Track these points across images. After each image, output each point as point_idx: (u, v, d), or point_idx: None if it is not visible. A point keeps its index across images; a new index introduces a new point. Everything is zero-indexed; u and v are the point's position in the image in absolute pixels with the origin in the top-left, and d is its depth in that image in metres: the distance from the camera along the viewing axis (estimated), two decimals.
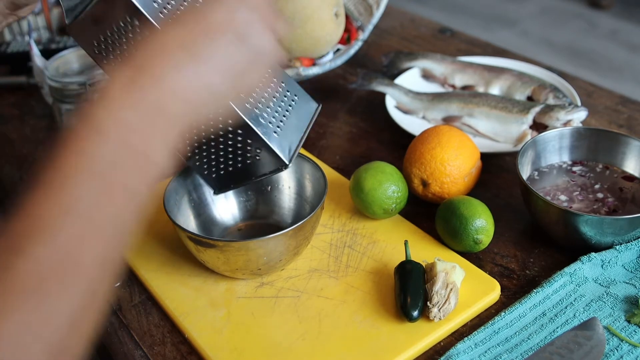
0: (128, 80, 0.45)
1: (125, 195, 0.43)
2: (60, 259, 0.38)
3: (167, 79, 0.45)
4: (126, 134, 0.43)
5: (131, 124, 0.43)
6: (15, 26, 1.30)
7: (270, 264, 0.70)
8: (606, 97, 1.08)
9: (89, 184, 0.41)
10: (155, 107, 0.45)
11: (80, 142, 0.42)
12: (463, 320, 0.67)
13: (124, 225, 0.43)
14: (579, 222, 0.70)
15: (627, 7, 3.61)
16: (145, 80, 0.45)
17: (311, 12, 1.02)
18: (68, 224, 0.39)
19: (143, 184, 0.44)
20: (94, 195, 0.41)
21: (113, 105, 0.44)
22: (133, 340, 0.68)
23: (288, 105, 0.65)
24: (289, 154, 0.62)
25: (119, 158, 0.42)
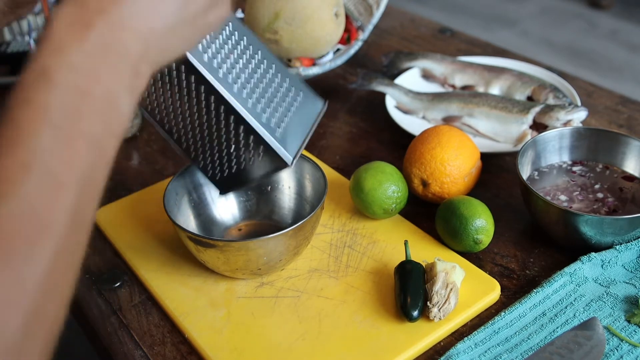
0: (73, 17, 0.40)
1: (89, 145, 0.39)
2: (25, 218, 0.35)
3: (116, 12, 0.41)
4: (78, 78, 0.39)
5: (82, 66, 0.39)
6: (15, 26, 1.30)
7: (270, 264, 0.70)
8: (606, 97, 1.08)
9: (46, 136, 0.37)
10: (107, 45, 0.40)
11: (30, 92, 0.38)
12: (463, 320, 0.67)
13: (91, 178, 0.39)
14: (579, 222, 0.70)
15: (627, 7, 3.61)
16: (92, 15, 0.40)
17: (311, 12, 1.02)
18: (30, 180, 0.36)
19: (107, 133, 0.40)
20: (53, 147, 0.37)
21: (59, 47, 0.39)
22: (133, 340, 0.68)
23: (291, 105, 0.64)
24: (292, 154, 0.62)
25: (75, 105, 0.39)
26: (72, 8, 0.41)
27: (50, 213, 0.37)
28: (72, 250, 0.38)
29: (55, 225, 0.37)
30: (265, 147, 0.60)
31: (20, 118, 0.38)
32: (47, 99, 0.38)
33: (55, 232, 0.37)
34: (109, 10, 0.41)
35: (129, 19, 0.42)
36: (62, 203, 0.37)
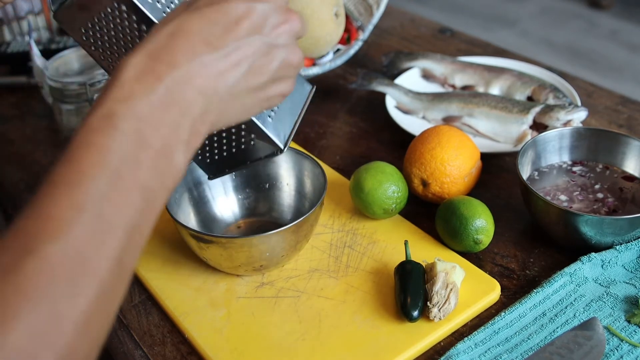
0: (144, 68, 0.41)
1: (141, 194, 0.40)
2: (71, 259, 0.36)
3: (185, 67, 0.42)
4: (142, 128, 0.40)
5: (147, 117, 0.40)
6: (15, 26, 1.30)
7: (272, 260, 0.70)
8: (606, 97, 1.08)
9: (103, 180, 0.38)
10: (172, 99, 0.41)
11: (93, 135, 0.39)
12: (463, 320, 0.67)
13: (139, 227, 0.40)
14: (579, 222, 0.70)
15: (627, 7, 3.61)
16: (163, 67, 0.41)
17: (311, 12, 1.02)
18: (80, 222, 0.37)
19: (160, 185, 0.41)
20: (108, 193, 0.38)
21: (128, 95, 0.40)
22: (133, 340, 0.68)
23: None
24: (284, 138, 0.61)
25: (134, 154, 0.39)
26: (144, 58, 0.42)
27: (96, 257, 0.37)
28: (112, 297, 0.39)
29: (99, 269, 0.37)
30: (257, 132, 0.60)
31: (80, 159, 0.38)
32: (109, 144, 0.39)
33: (99, 276, 0.37)
34: (179, 66, 0.42)
35: (196, 77, 0.43)
36: (108, 249, 0.38)
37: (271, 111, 0.61)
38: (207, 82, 0.43)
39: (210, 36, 0.44)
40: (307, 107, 0.66)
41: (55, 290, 0.35)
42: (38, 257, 0.35)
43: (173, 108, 0.41)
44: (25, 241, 0.36)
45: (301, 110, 0.65)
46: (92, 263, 0.37)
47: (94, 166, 0.38)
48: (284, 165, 0.80)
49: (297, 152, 0.79)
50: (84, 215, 0.37)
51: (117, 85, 0.41)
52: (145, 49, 0.43)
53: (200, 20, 0.44)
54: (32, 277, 0.35)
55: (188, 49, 0.43)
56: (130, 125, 0.40)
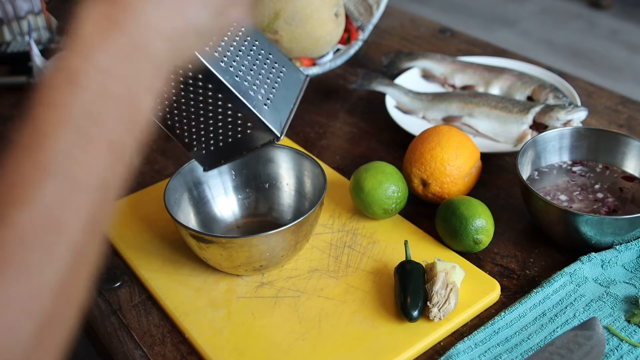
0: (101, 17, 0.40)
1: (109, 149, 0.38)
2: (42, 224, 0.35)
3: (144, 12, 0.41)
4: (104, 81, 0.39)
5: (109, 68, 0.39)
6: (15, 26, 1.30)
7: (272, 260, 0.70)
8: (606, 97, 1.08)
9: (68, 140, 0.37)
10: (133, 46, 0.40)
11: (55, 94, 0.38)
12: (463, 320, 0.67)
13: (110, 183, 0.39)
14: (579, 222, 0.70)
15: (627, 7, 3.61)
16: (120, 15, 0.40)
17: (311, 12, 1.02)
18: (48, 185, 0.36)
19: (129, 135, 0.40)
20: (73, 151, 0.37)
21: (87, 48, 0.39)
22: (133, 340, 0.68)
23: (277, 77, 0.63)
24: (280, 125, 0.61)
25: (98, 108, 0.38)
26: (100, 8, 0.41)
27: (67, 219, 0.36)
28: (88, 257, 0.38)
29: (72, 231, 0.36)
30: (254, 121, 0.60)
31: (43, 120, 0.37)
32: (71, 101, 0.38)
33: (72, 238, 0.36)
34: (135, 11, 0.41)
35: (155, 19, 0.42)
36: (79, 209, 0.37)
37: (267, 99, 0.61)
38: (165, 24, 0.42)
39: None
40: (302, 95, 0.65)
41: (29, 257, 0.34)
42: (6, 224, 0.34)
43: (135, 56, 0.40)
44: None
45: (296, 98, 0.65)
46: (64, 226, 0.36)
47: (57, 125, 0.37)
48: (284, 165, 0.80)
49: (297, 152, 0.79)
50: (51, 177, 0.36)
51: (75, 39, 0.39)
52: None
53: None
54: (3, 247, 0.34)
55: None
56: (92, 79, 0.38)
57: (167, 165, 0.96)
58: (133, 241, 0.79)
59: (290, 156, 0.80)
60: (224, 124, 0.62)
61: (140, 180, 0.92)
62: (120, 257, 0.78)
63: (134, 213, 0.84)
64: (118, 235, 0.80)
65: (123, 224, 0.82)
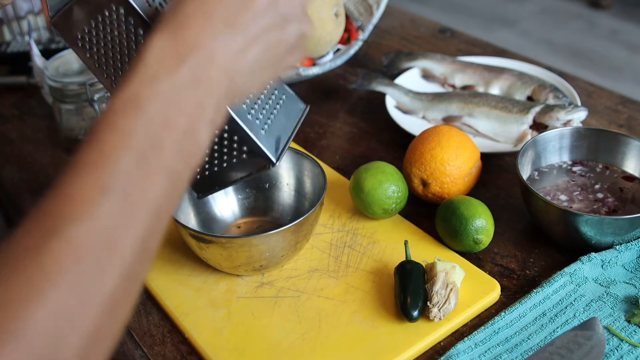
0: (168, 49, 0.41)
1: (166, 175, 0.40)
2: (96, 240, 0.36)
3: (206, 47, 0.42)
4: (167, 109, 0.40)
5: (172, 98, 0.40)
6: (15, 26, 1.30)
7: (272, 260, 0.70)
8: (606, 97, 1.08)
9: (128, 161, 0.38)
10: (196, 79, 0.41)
11: (117, 117, 0.39)
12: (463, 320, 0.67)
13: (163, 208, 0.40)
14: (579, 222, 0.70)
15: (627, 7, 3.61)
16: (186, 49, 0.42)
17: (311, 12, 1.02)
18: (105, 204, 0.37)
19: (184, 166, 0.41)
20: (133, 174, 0.38)
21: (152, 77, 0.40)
22: (133, 340, 0.68)
23: (276, 104, 0.64)
24: (277, 152, 0.61)
25: (159, 135, 0.39)
26: (167, 40, 0.42)
27: (121, 238, 0.37)
28: (136, 277, 0.39)
29: (124, 251, 0.37)
30: (250, 145, 0.60)
31: (105, 141, 0.38)
32: (134, 125, 0.39)
33: (123, 257, 0.37)
34: (201, 47, 0.42)
35: (218, 57, 0.43)
36: (133, 230, 0.38)
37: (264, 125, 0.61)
38: (229, 61, 0.44)
39: (228, 15, 0.44)
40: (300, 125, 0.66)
41: (81, 271, 0.35)
42: (63, 237, 0.35)
43: (197, 89, 0.42)
44: (50, 222, 0.36)
45: (294, 127, 0.64)
46: (117, 244, 0.37)
47: (119, 148, 0.38)
48: (284, 165, 0.80)
49: (297, 152, 0.79)
50: (109, 197, 0.37)
51: (141, 67, 0.41)
52: (167, 29, 0.43)
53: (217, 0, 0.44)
54: (57, 258, 0.35)
55: (208, 30, 0.43)
56: (155, 107, 0.40)
57: None
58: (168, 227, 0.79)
59: (290, 156, 0.80)
60: (220, 147, 0.61)
61: None
62: None
63: None
64: None
65: None
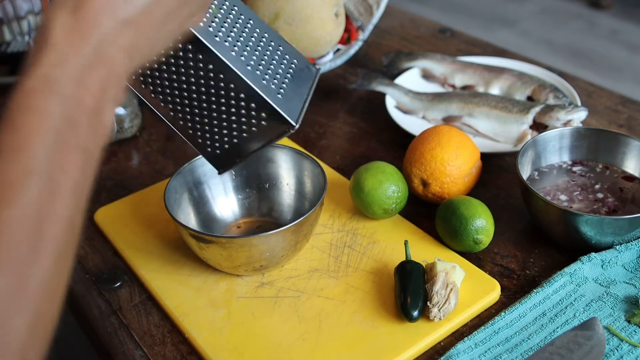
0: (70, 27, 0.42)
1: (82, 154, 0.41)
2: (28, 222, 0.37)
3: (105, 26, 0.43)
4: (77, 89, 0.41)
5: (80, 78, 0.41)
6: (15, 26, 1.30)
7: (272, 260, 0.70)
8: (606, 97, 1.08)
9: (48, 143, 0.39)
10: (99, 58, 0.42)
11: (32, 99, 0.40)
12: (463, 320, 0.67)
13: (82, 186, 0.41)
14: (579, 222, 0.70)
15: (627, 7, 3.61)
16: (84, 27, 0.42)
17: (311, 12, 1.02)
18: (32, 186, 0.37)
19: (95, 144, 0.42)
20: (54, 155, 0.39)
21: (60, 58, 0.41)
22: (133, 340, 0.68)
23: (288, 69, 0.63)
24: (295, 115, 0.61)
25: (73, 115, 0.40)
26: (69, 17, 0.42)
27: (50, 218, 0.38)
28: (67, 256, 0.40)
29: (55, 230, 0.38)
30: (269, 110, 0.59)
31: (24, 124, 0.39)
32: (49, 107, 0.39)
33: (56, 237, 0.38)
34: (101, 25, 0.43)
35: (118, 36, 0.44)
36: (61, 209, 0.39)
37: (280, 89, 0.61)
38: (129, 40, 0.44)
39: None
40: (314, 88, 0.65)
41: (18, 254, 0.36)
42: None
43: (101, 68, 0.42)
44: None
45: (309, 90, 0.64)
46: (48, 224, 0.38)
47: (39, 130, 0.39)
48: (284, 165, 0.80)
49: (297, 152, 0.79)
50: (35, 178, 0.38)
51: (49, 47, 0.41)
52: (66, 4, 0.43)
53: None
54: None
55: (108, 7, 0.43)
56: (67, 87, 0.41)
57: (167, 165, 0.96)
58: (133, 241, 0.79)
59: (290, 156, 0.80)
60: (237, 118, 0.61)
61: (140, 180, 0.92)
62: (120, 257, 0.78)
63: (134, 213, 0.84)
64: (118, 235, 0.80)
65: (123, 224, 0.82)
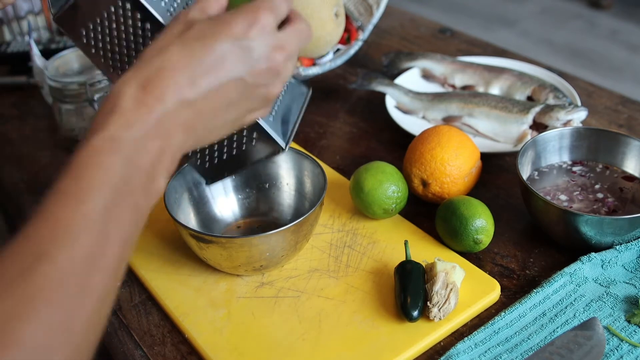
0: (136, 97, 0.46)
1: (134, 211, 0.44)
2: (79, 264, 0.40)
3: (170, 104, 0.46)
4: (137, 153, 0.45)
5: (142, 145, 0.45)
6: (15, 26, 1.30)
7: (272, 260, 0.70)
8: (606, 97, 1.08)
9: (107, 196, 0.42)
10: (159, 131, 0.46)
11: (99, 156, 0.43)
12: (463, 320, 0.67)
13: (130, 240, 0.45)
14: (579, 222, 0.70)
15: (627, 7, 3.61)
16: (151, 100, 0.46)
17: (311, 12, 1.02)
18: (87, 231, 0.41)
19: (146, 204, 0.46)
20: (110, 208, 0.42)
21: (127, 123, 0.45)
22: (133, 340, 0.68)
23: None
24: (285, 137, 0.61)
25: (130, 174, 0.44)
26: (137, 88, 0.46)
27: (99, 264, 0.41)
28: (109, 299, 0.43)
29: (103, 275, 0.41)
30: (259, 132, 0.60)
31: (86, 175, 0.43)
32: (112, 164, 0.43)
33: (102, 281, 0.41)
34: (166, 102, 0.46)
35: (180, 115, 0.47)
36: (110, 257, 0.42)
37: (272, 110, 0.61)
38: (188, 120, 0.48)
39: (194, 75, 0.47)
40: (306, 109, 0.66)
41: (66, 292, 0.39)
42: (50, 260, 0.39)
43: (160, 139, 0.46)
44: (38, 245, 0.39)
45: (300, 111, 0.65)
46: (96, 269, 0.41)
47: (100, 183, 0.43)
48: (284, 165, 0.80)
49: (297, 152, 0.79)
50: (90, 225, 0.41)
51: (117, 113, 0.45)
52: (137, 78, 0.47)
53: (186, 56, 0.48)
54: (45, 279, 0.38)
55: (173, 87, 0.47)
56: (129, 150, 0.44)
57: None
58: None
59: (290, 156, 0.80)
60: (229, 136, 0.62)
61: None
62: None
63: None
64: None
65: None
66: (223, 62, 0.48)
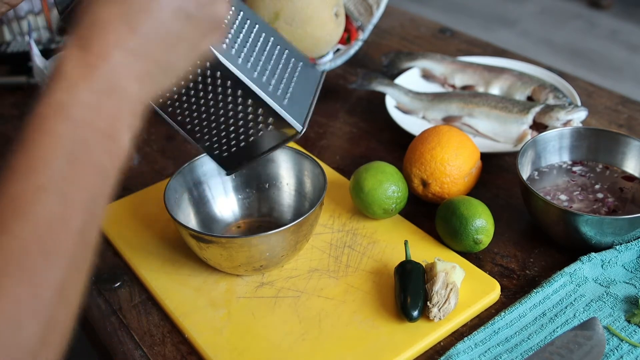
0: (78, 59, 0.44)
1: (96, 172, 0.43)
2: (41, 234, 0.39)
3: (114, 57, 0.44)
4: (89, 115, 0.43)
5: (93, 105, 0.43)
6: (15, 26, 1.30)
7: (272, 260, 0.70)
8: (606, 97, 1.08)
9: (61, 162, 0.41)
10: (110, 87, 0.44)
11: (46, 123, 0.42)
12: (463, 320, 0.67)
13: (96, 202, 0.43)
14: (579, 222, 0.70)
15: (627, 7, 3.61)
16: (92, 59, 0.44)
17: (311, 12, 1.02)
18: (45, 201, 0.40)
19: (111, 164, 0.44)
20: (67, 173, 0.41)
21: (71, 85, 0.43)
22: (133, 340, 0.68)
23: (294, 73, 0.63)
24: (301, 119, 0.61)
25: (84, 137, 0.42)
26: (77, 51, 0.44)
27: (63, 231, 0.40)
28: (81, 266, 0.42)
29: (67, 241, 0.40)
30: (275, 116, 0.60)
31: (38, 144, 0.41)
32: (62, 130, 0.42)
33: (67, 248, 0.40)
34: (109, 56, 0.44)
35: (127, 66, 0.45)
36: (73, 222, 0.41)
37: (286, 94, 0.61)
38: (138, 68, 0.46)
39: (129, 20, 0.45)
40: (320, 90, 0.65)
41: (31, 262, 0.38)
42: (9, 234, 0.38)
43: (112, 96, 0.44)
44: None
45: (314, 93, 0.65)
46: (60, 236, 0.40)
47: (51, 151, 0.41)
48: (284, 165, 0.80)
49: (297, 152, 0.79)
50: (47, 195, 0.40)
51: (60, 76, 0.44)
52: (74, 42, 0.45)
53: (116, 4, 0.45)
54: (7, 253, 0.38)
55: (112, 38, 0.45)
56: (78, 112, 0.43)
57: (167, 165, 0.96)
58: (133, 241, 0.79)
59: (290, 156, 0.80)
60: (245, 123, 0.61)
61: (140, 180, 0.92)
62: (120, 257, 0.78)
63: (134, 213, 0.84)
64: (118, 235, 0.80)
65: (123, 224, 0.82)
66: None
